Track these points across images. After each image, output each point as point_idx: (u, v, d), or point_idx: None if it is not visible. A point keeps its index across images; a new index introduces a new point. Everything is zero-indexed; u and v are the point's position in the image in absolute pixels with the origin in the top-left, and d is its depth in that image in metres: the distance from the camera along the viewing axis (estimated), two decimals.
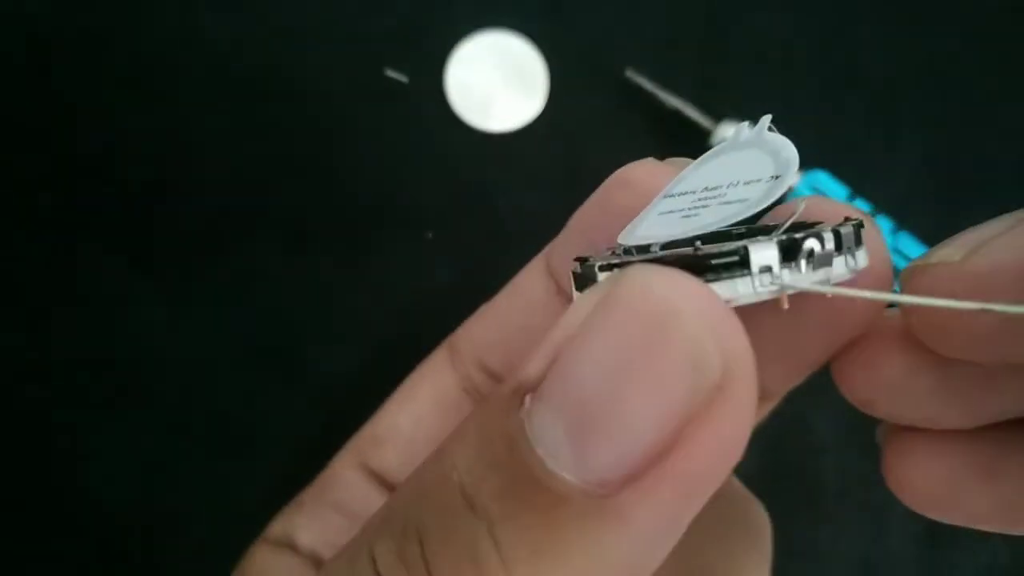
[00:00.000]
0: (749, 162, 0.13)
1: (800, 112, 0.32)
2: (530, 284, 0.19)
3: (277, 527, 0.21)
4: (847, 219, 0.14)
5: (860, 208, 0.15)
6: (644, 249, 0.14)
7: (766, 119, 0.13)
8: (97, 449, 0.29)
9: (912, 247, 0.30)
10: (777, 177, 0.13)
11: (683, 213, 0.13)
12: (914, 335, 0.14)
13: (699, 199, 0.13)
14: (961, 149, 0.32)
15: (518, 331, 0.19)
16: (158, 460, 0.29)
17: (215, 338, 0.30)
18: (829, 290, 0.12)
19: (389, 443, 0.20)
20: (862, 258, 0.13)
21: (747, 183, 0.13)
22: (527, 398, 0.11)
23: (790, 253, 0.12)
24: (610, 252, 0.15)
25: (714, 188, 0.13)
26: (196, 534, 0.29)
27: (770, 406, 0.20)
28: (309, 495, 0.21)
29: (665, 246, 0.13)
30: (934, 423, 0.15)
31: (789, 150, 0.13)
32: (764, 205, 0.13)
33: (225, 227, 0.30)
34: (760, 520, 0.21)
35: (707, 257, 0.12)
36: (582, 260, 0.14)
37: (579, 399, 0.10)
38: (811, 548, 0.31)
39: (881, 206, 0.31)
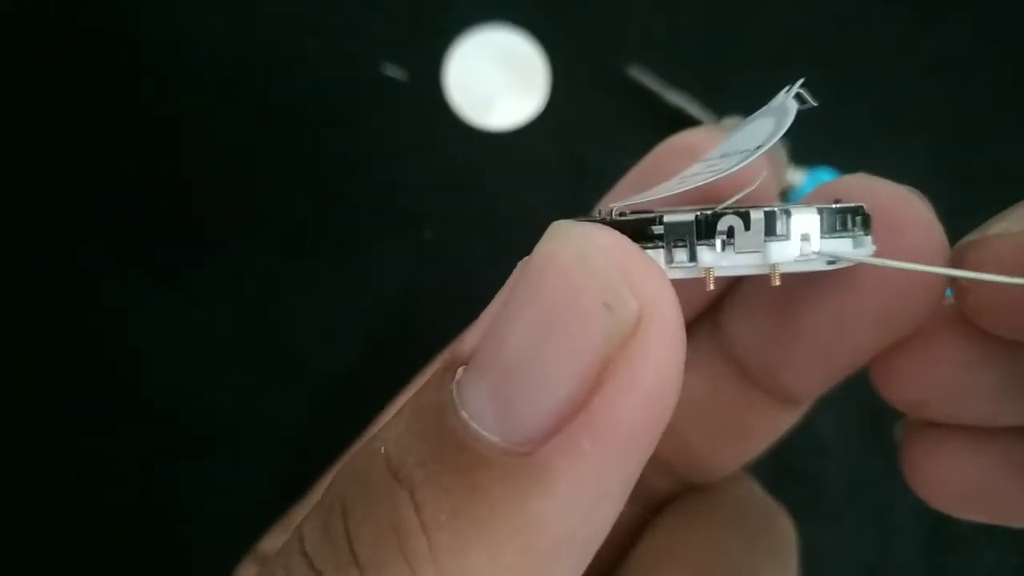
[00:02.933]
0: (758, 130, 0.13)
1: (805, 109, 0.32)
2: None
3: (268, 544, 0.21)
4: (837, 201, 0.13)
5: (910, 190, 0.14)
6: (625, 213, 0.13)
7: (798, 83, 0.13)
8: (93, 450, 0.29)
9: None
10: (758, 147, 0.12)
11: (682, 178, 0.13)
12: (972, 322, 0.13)
13: (708, 165, 0.13)
14: (969, 146, 0.32)
15: None
16: (153, 460, 0.29)
17: (212, 338, 0.30)
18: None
19: None
20: (833, 246, 0.12)
21: (739, 152, 0.12)
22: (460, 370, 0.11)
23: (706, 229, 0.11)
24: (597, 214, 0.14)
25: (723, 156, 0.13)
26: (192, 534, 0.29)
27: (797, 414, 0.18)
28: (301, 511, 0.21)
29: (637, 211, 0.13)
30: (990, 421, 0.14)
31: (784, 122, 0.12)
32: (722, 175, 0.12)
33: (222, 226, 0.30)
34: (786, 532, 0.20)
35: (642, 223, 0.12)
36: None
37: (502, 360, 0.10)
38: (814, 551, 0.30)
39: None
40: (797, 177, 0.30)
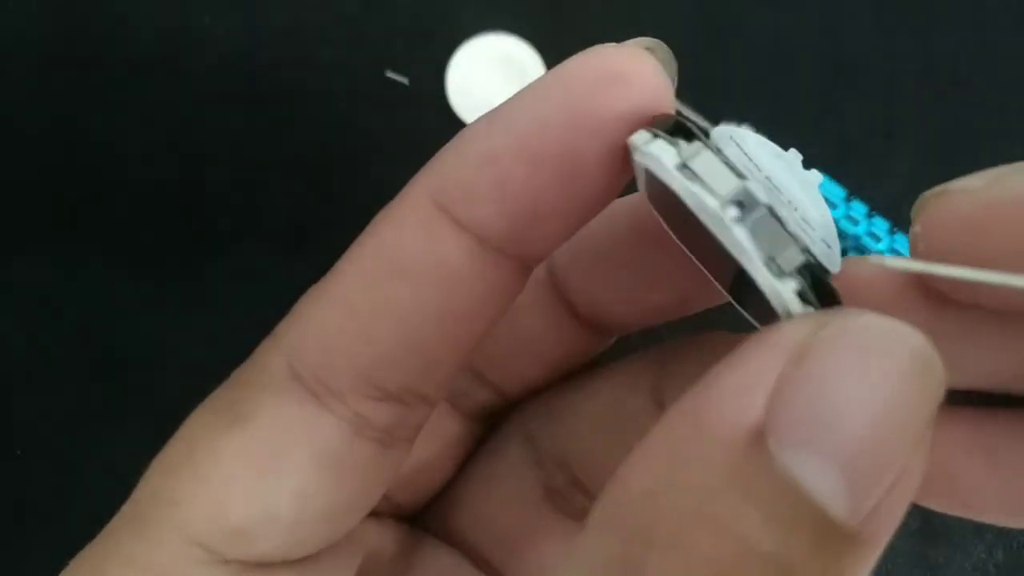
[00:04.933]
0: (804, 199, 0.13)
1: (798, 113, 0.32)
2: (408, 236, 0.14)
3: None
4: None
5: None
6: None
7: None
8: (96, 451, 0.29)
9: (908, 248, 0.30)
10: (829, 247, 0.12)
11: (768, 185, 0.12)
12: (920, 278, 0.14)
13: (770, 186, 0.13)
14: (959, 149, 0.32)
15: (416, 316, 0.14)
16: None
17: (215, 340, 0.29)
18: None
19: (261, 534, 0.14)
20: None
21: (802, 226, 0.12)
22: (778, 446, 0.10)
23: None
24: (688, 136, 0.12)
25: (780, 191, 0.13)
26: None
27: (609, 342, 0.20)
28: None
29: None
30: None
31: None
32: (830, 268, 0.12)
33: (225, 228, 0.30)
34: None
35: None
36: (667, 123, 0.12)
37: (853, 441, 0.10)
38: None
39: (878, 207, 0.30)
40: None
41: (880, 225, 0.30)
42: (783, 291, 0.11)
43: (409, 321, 0.14)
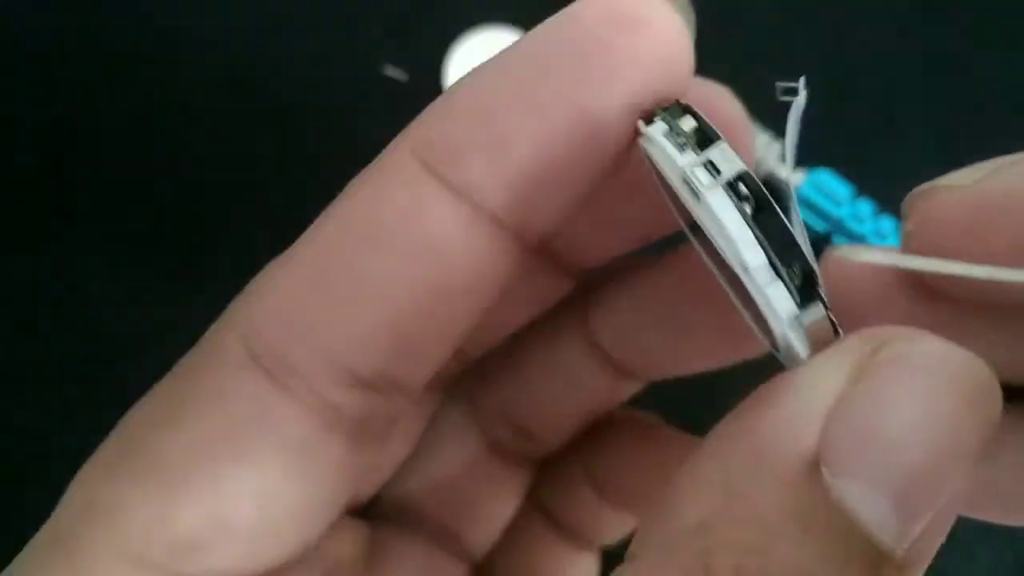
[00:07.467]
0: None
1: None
2: (386, 197, 0.12)
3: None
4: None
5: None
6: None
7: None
8: (82, 453, 0.29)
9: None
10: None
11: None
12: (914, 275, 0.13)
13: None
14: (966, 145, 0.32)
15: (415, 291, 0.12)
16: None
17: None
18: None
19: (214, 545, 0.12)
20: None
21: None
22: (830, 476, 0.10)
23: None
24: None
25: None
26: None
27: (569, 287, 0.18)
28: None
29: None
30: None
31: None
32: None
33: (217, 224, 0.30)
34: None
35: None
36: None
37: (896, 468, 0.10)
38: None
39: (885, 204, 0.30)
40: (797, 177, 0.30)
41: (888, 223, 0.30)
42: (799, 348, 0.11)
43: (384, 295, 0.12)
